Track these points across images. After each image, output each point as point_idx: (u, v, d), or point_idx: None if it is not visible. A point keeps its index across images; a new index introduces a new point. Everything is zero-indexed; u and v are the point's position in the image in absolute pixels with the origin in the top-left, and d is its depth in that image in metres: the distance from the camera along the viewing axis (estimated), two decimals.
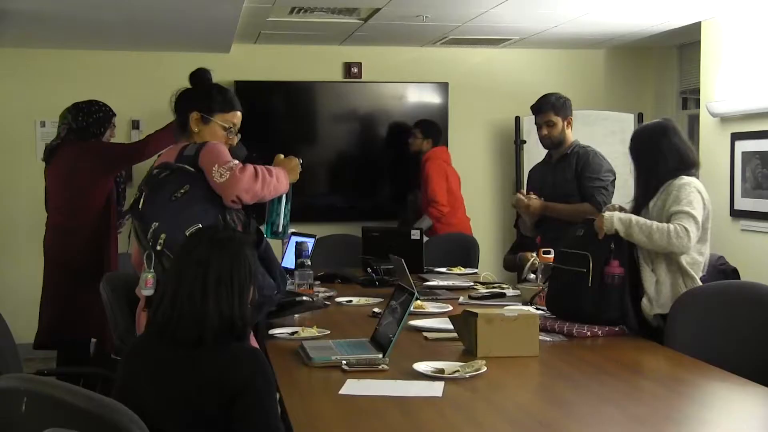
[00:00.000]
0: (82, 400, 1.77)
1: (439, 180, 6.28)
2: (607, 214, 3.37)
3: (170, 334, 2.18)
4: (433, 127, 6.57)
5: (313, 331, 3.22)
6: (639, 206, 3.53)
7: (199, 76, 3.20)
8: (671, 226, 3.30)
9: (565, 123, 4.50)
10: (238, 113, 3.14)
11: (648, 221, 3.34)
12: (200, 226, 2.80)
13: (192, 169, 2.92)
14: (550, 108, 4.48)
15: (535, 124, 4.58)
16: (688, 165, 3.51)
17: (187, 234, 2.75)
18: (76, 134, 4.91)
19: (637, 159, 3.62)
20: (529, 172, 4.87)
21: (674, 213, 3.34)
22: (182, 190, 2.88)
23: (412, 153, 6.52)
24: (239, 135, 3.17)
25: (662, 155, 3.51)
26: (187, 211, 2.85)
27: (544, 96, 4.56)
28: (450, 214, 6.28)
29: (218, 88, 3.18)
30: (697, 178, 3.52)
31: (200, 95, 3.12)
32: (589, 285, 3.27)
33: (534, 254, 4.56)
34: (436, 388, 2.45)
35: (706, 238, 3.52)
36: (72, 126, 4.94)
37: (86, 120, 4.95)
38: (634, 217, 3.35)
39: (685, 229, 3.30)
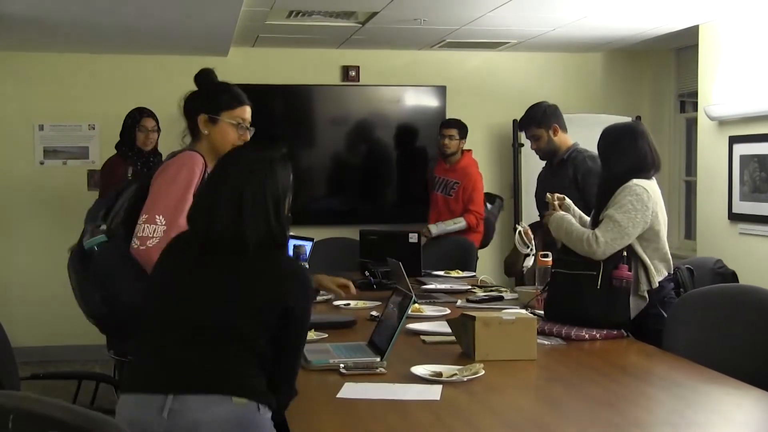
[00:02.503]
0: (71, 416, 1.76)
1: (481, 190, 6.31)
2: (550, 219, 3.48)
3: (212, 246, 2.26)
4: (465, 127, 6.45)
5: (311, 335, 3.21)
6: (599, 207, 3.55)
7: (204, 77, 3.15)
8: (588, 232, 3.38)
9: (551, 132, 4.52)
10: (247, 108, 3.07)
11: (576, 227, 3.45)
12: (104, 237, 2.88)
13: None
14: (530, 122, 4.54)
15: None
16: (644, 168, 3.52)
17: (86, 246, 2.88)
18: (118, 144, 5.75)
19: (606, 159, 3.66)
20: (537, 178, 4.88)
21: (603, 219, 3.40)
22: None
23: (446, 155, 6.36)
24: (252, 129, 3.09)
25: (622, 157, 3.53)
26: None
27: (527, 111, 4.61)
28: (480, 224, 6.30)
29: (223, 85, 3.12)
30: (650, 179, 3.53)
31: (205, 96, 3.07)
32: (599, 287, 3.27)
33: (521, 224, 4.60)
34: (433, 392, 2.44)
35: (658, 242, 3.50)
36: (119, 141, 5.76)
37: (121, 132, 5.74)
38: (567, 219, 3.48)
39: (596, 237, 3.33)
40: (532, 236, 4.44)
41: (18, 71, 6.91)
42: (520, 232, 4.34)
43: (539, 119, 4.50)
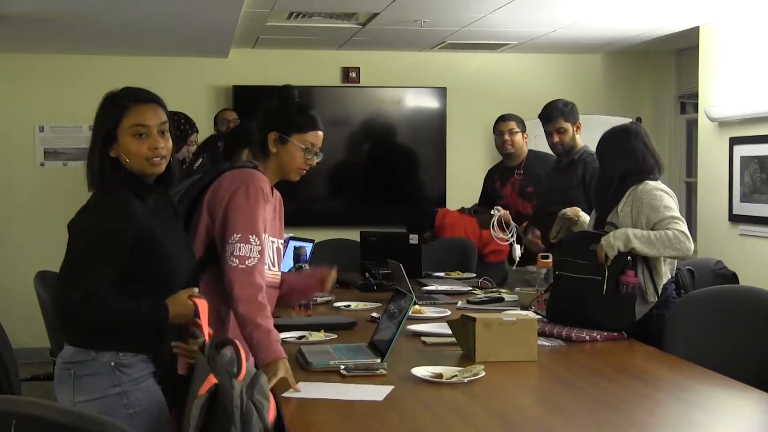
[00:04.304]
0: (72, 419, 1.76)
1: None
2: (603, 241, 3.35)
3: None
4: (422, 220, 6.24)
5: (320, 335, 3.21)
6: (604, 210, 3.54)
7: (285, 93, 3.07)
8: (669, 232, 3.33)
9: (575, 128, 4.47)
10: (319, 133, 2.98)
11: (643, 231, 3.37)
12: None
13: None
14: (559, 114, 4.42)
15: (545, 132, 4.51)
16: (649, 170, 3.52)
17: None
18: None
19: (601, 161, 3.66)
20: (542, 176, 4.85)
21: (660, 221, 3.38)
22: None
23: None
24: (321, 155, 3.02)
25: (617, 158, 3.54)
26: None
27: (551, 103, 4.51)
28: (493, 244, 6.13)
29: (298, 106, 3.02)
30: (657, 180, 3.55)
31: (279, 114, 2.98)
32: (604, 293, 3.27)
33: (498, 209, 4.61)
34: (379, 393, 2.43)
35: None
36: None
37: None
38: (630, 231, 3.36)
39: (684, 233, 3.34)
40: (511, 223, 4.48)
41: (18, 72, 6.91)
42: (499, 219, 4.39)
43: (567, 113, 4.43)
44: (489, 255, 6.08)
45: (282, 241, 3.02)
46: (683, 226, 3.36)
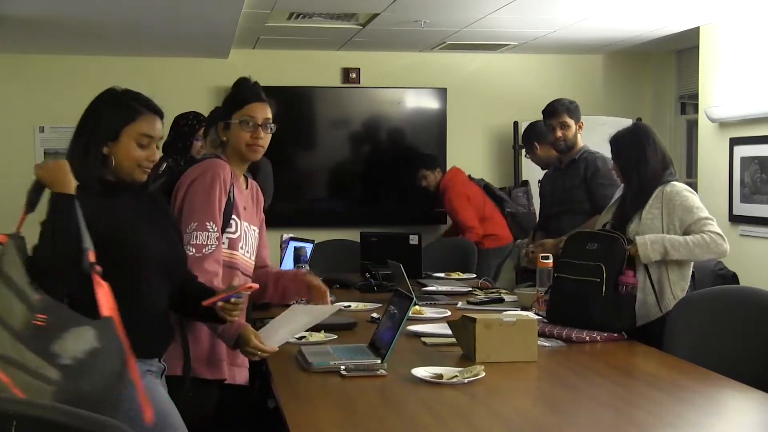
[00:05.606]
0: (73, 420, 1.76)
1: (463, 208, 6.29)
2: (641, 251, 3.38)
3: None
4: (433, 158, 6.74)
5: (321, 336, 3.21)
6: (627, 212, 3.55)
7: (233, 86, 3.04)
8: (707, 236, 3.39)
9: (578, 126, 4.51)
10: (258, 104, 2.91)
11: (679, 238, 3.41)
12: None
13: None
14: (564, 110, 4.49)
15: (548, 126, 4.55)
16: (668, 164, 3.59)
17: None
18: (165, 148, 4.59)
19: (626, 162, 3.64)
20: (542, 179, 4.86)
21: (695, 222, 3.44)
22: None
23: (431, 190, 6.57)
24: (273, 127, 2.93)
25: (655, 155, 3.58)
26: None
27: (556, 100, 4.59)
28: (489, 227, 6.25)
29: (236, 89, 2.98)
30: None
31: (222, 104, 3.01)
32: (603, 294, 3.28)
33: (523, 243, 4.67)
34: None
35: None
36: (166, 140, 4.59)
37: (172, 135, 4.67)
38: (666, 239, 3.39)
39: (720, 235, 3.40)
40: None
41: (19, 73, 6.92)
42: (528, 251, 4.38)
43: (572, 110, 4.50)
44: (485, 240, 6.11)
45: (255, 228, 3.04)
46: (717, 227, 3.43)
